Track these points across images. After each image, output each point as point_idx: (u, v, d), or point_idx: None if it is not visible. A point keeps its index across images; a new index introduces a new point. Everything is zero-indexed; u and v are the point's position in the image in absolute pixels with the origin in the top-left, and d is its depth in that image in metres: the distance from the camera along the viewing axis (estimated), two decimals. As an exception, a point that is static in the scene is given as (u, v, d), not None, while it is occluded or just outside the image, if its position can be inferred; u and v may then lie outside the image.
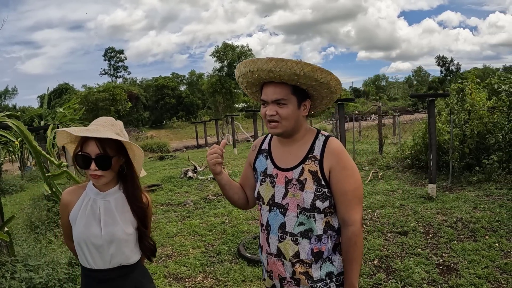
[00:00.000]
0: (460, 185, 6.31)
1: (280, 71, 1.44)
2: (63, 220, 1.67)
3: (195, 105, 56.44)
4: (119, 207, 1.61)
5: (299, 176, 1.55)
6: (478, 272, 3.39)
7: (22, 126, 3.54)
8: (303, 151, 1.59)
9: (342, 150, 1.57)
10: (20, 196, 8.77)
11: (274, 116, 1.52)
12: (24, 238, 4.59)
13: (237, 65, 1.63)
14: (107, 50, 64.40)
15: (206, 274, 3.78)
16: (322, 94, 1.58)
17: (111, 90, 41.88)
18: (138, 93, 52.34)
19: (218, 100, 40.47)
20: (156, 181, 8.87)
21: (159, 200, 6.88)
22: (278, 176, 1.60)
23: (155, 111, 54.98)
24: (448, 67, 65.99)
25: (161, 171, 10.84)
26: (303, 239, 1.54)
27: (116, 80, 62.29)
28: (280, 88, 1.51)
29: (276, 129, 1.55)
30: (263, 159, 1.70)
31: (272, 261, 1.63)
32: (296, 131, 1.59)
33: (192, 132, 27.63)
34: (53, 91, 49.11)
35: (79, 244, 1.58)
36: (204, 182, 8.23)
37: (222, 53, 40.85)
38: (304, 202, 1.52)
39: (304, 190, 1.52)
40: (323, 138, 1.59)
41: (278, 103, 1.51)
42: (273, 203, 1.60)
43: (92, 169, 1.49)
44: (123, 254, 1.61)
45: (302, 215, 1.53)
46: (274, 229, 1.59)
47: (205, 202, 6.56)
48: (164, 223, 5.49)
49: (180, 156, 15.05)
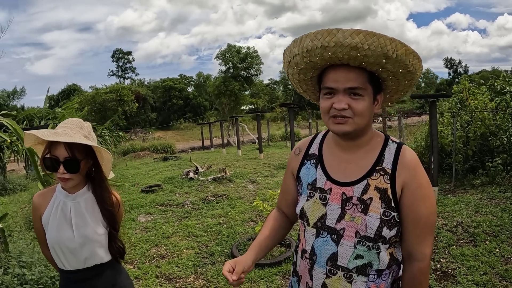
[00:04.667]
0: (463, 188, 6.18)
1: (368, 50, 1.07)
2: (36, 225, 1.66)
3: (203, 107, 56.61)
4: (89, 208, 1.62)
5: (362, 194, 1.20)
6: (476, 279, 3.29)
7: (15, 125, 3.61)
8: (369, 161, 1.23)
9: (419, 163, 1.23)
10: (22, 195, 8.84)
11: (345, 111, 1.15)
12: (21, 236, 4.60)
13: (294, 39, 1.21)
14: (115, 51, 65.37)
15: (197, 275, 3.73)
16: (398, 88, 1.24)
17: (119, 91, 42.19)
18: (146, 94, 52.64)
19: (223, 102, 40.52)
20: (157, 182, 8.87)
21: (158, 201, 6.86)
22: (332, 191, 1.25)
23: (163, 112, 55.24)
24: (456, 69, 65.90)
25: (164, 172, 10.83)
26: (359, 276, 1.20)
27: (124, 81, 63.06)
28: (356, 74, 1.14)
29: (345, 125, 1.17)
30: (311, 168, 1.33)
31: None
32: (364, 133, 1.24)
33: (199, 134, 27.69)
34: (62, 92, 49.74)
35: (53, 247, 1.60)
36: (204, 183, 8.20)
37: (227, 55, 40.91)
38: (367, 228, 1.17)
39: (368, 213, 1.18)
40: (394, 146, 1.24)
41: (353, 93, 1.15)
42: (322, 226, 1.24)
43: (60, 172, 1.49)
44: (96, 254, 1.62)
45: (362, 246, 1.19)
46: (322, 260, 1.24)
47: (203, 203, 6.51)
48: (161, 223, 5.45)
49: (184, 157, 15.04)
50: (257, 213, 5.54)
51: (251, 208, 5.78)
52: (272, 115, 34.66)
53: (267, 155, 13.05)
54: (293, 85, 1.36)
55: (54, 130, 1.52)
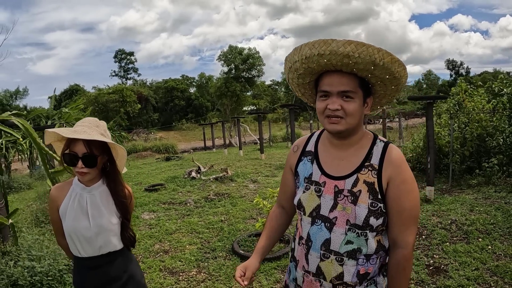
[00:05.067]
0: (460, 188, 6.31)
1: (359, 58, 1.22)
2: (53, 216, 1.79)
3: (205, 107, 56.73)
4: (104, 199, 1.75)
5: (352, 187, 1.34)
6: (468, 274, 3.40)
7: (27, 124, 3.71)
8: (358, 158, 1.38)
9: (404, 160, 1.38)
10: (27, 194, 9.02)
11: (338, 111, 1.31)
12: (29, 231, 4.75)
13: (294, 48, 1.36)
14: (118, 52, 65.43)
15: (199, 269, 3.88)
16: (386, 92, 1.39)
17: (121, 91, 42.38)
18: (148, 94, 52.80)
19: (225, 102, 40.67)
20: (160, 181, 9.03)
21: (161, 199, 7.01)
22: (326, 184, 1.39)
23: (165, 113, 55.38)
24: (458, 71, 65.86)
25: (166, 172, 10.99)
26: (349, 259, 1.35)
27: (126, 82, 63.17)
28: (348, 79, 1.30)
29: (338, 125, 1.33)
30: (307, 163, 1.48)
31: (309, 280, 1.43)
32: (355, 132, 1.39)
33: (201, 134, 27.85)
34: (64, 92, 49.91)
35: (70, 236, 1.72)
36: (206, 182, 8.35)
37: (229, 56, 41.06)
38: (356, 217, 1.32)
39: (357, 204, 1.33)
40: (382, 144, 1.39)
41: (345, 96, 1.31)
42: (317, 215, 1.39)
43: (79, 167, 1.63)
44: (110, 242, 1.76)
45: (352, 232, 1.34)
46: (316, 245, 1.38)
47: (205, 201, 6.67)
48: (164, 220, 5.60)
49: (186, 157, 15.20)
50: (258, 211, 5.68)
51: (252, 206, 5.93)
52: (274, 116, 34.76)
53: (268, 155, 13.20)
54: (293, 88, 1.52)
55: (73, 129, 1.65)
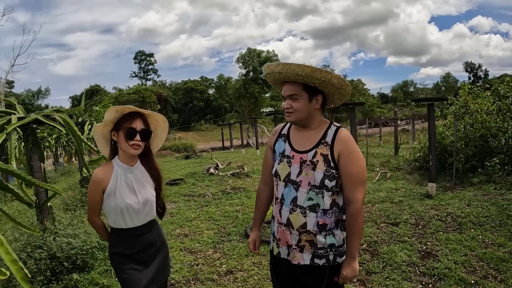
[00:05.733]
0: (462, 186, 6.63)
1: (287, 73, 1.76)
2: (96, 197, 2.02)
3: (223, 108, 57.49)
4: (144, 176, 2.10)
5: (312, 158, 1.80)
6: (456, 259, 3.69)
7: (68, 118, 4.13)
8: (317, 137, 1.85)
9: (350, 138, 1.83)
10: (56, 185, 9.74)
11: (289, 109, 1.84)
12: (62, 215, 5.35)
13: (265, 64, 1.94)
14: (137, 53, 66.58)
15: (215, 249, 4.40)
16: (330, 90, 1.83)
17: (141, 92, 43.42)
18: (167, 95, 53.85)
19: (243, 104, 41.26)
20: (180, 176, 9.61)
21: (182, 192, 7.59)
22: (294, 157, 1.86)
23: (184, 114, 56.40)
24: (476, 73, 64.65)
25: (186, 168, 11.59)
26: (310, 212, 1.78)
27: (146, 82, 64.27)
28: (293, 86, 1.81)
29: (290, 117, 1.86)
30: (282, 142, 1.96)
31: (282, 230, 1.87)
32: (310, 120, 1.86)
33: (219, 135, 28.48)
34: (85, 92, 51.48)
35: (121, 210, 1.99)
36: (224, 177, 8.88)
37: (247, 59, 41.63)
38: (315, 180, 1.77)
39: (316, 170, 1.78)
40: (334, 128, 1.86)
41: (292, 98, 1.82)
42: (288, 180, 1.85)
43: (137, 140, 1.96)
44: (152, 211, 2.11)
45: (312, 192, 1.78)
46: (287, 202, 1.84)
47: (223, 194, 7.20)
48: (184, 210, 6.16)
49: (205, 156, 15.80)
50: (270, 203, 6.16)
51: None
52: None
53: (283, 155, 13.60)
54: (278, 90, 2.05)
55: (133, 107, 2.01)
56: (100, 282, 3.56)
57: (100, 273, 3.76)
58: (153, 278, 2.07)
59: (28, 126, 4.06)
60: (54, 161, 17.23)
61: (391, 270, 3.62)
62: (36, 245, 3.73)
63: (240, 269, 3.82)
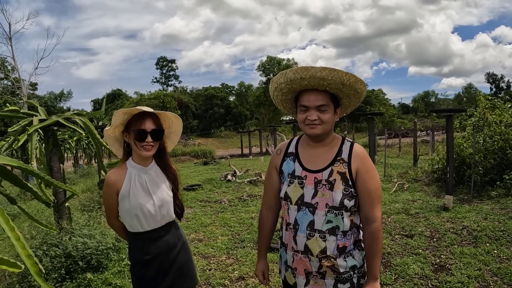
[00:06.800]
0: (480, 199, 6.53)
1: (331, 80, 1.58)
2: (111, 200, 1.95)
3: (243, 116, 57.76)
4: (159, 176, 2.01)
5: (329, 177, 1.67)
6: (470, 273, 3.65)
7: (88, 122, 4.18)
8: (331, 154, 1.72)
9: (366, 154, 1.74)
10: (75, 187, 10.06)
11: (315, 121, 1.66)
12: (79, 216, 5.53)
13: (280, 72, 1.71)
14: (159, 59, 67.85)
15: (228, 255, 4.49)
16: (351, 103, 1.75)
17: (162, 97, 44.09)
18: (188, 101, 54.53)
19: (263, 111, 41.44)
20: (198, 182, 9.79)
21: (199, 197, 7.74)
22: (307, 177, 1.71)
23: (204, 120, 56.93)
24: (498, 84, 63.09)
25: (204, 174, 11.76)
26: (330, 235, 1.65)
27: (167, 88, 65.28)
28: (322, 95, 1.65)
29: (316, 129, 1.67)
30: (290, 162, 1.80)
31: (299, 258, 1.71)
32: (328, 135, 1.74)
33: (238, 142, 28.65)
34: (107, 96, 52.82)
35: (136, 213, 1.90)
36: (241, 184, 8.99)
37: (268, 66, 41.89)
38: (334, 200, 1.63)
39: (334, 190, 1.64)
40: (349, 144, 1.74)
41: (320, 109, 1.66)
42: (302, 203, 1.69)
43: (148, 141, 1.88)
44: (169, 212, 2.01)
45: (331, 213, 1.64)
46: (303, 227, 1.68)
47: (239, 201, 7.31)
48: (200, 215, 6.29)
49: (223, 163, 15.96)
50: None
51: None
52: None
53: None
54: (276, 103, 1.90)
55: (141, 107, 1.92)
56: (113, 282, 3.67)
57: (114, 274, 3.88)
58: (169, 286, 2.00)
59: (49, 128, 4.17)
60: (74, 162, 17.74)
61: (403, 282, 3.61)
62: (52, 243, 3.83)
63: (252, 276, 3.89)
